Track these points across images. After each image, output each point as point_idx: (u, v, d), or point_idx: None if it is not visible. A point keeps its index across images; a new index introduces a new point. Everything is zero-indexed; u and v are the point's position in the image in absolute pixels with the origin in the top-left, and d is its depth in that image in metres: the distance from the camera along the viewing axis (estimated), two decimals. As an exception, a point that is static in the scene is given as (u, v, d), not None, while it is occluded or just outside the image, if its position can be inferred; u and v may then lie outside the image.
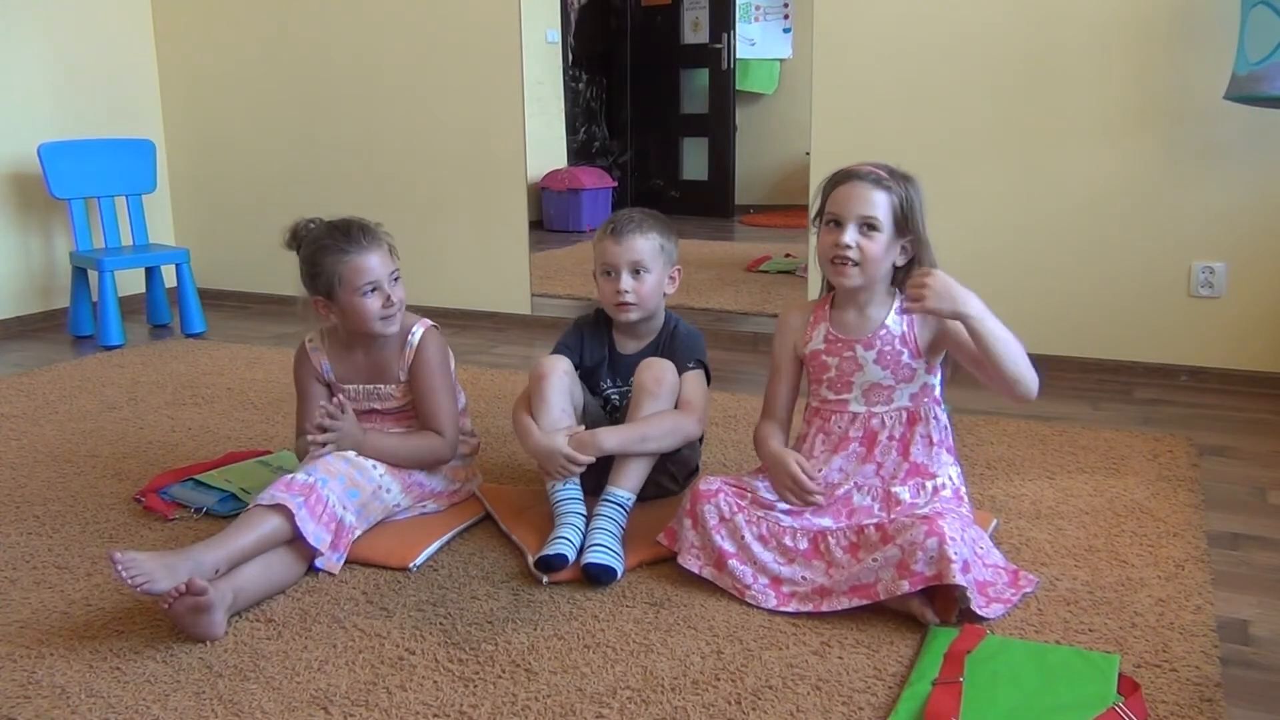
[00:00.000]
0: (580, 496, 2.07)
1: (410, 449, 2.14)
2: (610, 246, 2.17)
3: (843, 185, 1.93)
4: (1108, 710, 1.49)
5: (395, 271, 2.12)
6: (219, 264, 4.84)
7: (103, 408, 3.11)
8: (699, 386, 2.15)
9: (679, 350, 2.19)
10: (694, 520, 1.93)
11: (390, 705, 1.57)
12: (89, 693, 1.60)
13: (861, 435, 1.97)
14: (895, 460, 1.96)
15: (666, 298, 2.24)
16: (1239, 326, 3.25)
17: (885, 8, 3.49)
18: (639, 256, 2.15)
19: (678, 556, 1.95)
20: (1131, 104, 3.25)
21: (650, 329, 2.26)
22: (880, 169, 1.92)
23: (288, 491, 1.92)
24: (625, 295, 2.16)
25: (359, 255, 2.08)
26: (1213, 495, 2.36)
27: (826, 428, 2.01)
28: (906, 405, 1.97)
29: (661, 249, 2.18)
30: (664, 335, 2.25)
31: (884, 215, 1.89)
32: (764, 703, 1.56)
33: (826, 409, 2.01)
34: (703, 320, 4.13)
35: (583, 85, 7.14)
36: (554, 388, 2.11)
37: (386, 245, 2.14)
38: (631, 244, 2.16)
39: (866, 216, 1.89)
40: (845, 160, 2.02)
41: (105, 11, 4.54)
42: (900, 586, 1.74)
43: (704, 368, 2.19)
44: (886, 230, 1.90)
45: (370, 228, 2.13)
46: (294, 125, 4.59)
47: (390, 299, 2.10)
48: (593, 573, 1.91)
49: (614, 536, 1.98)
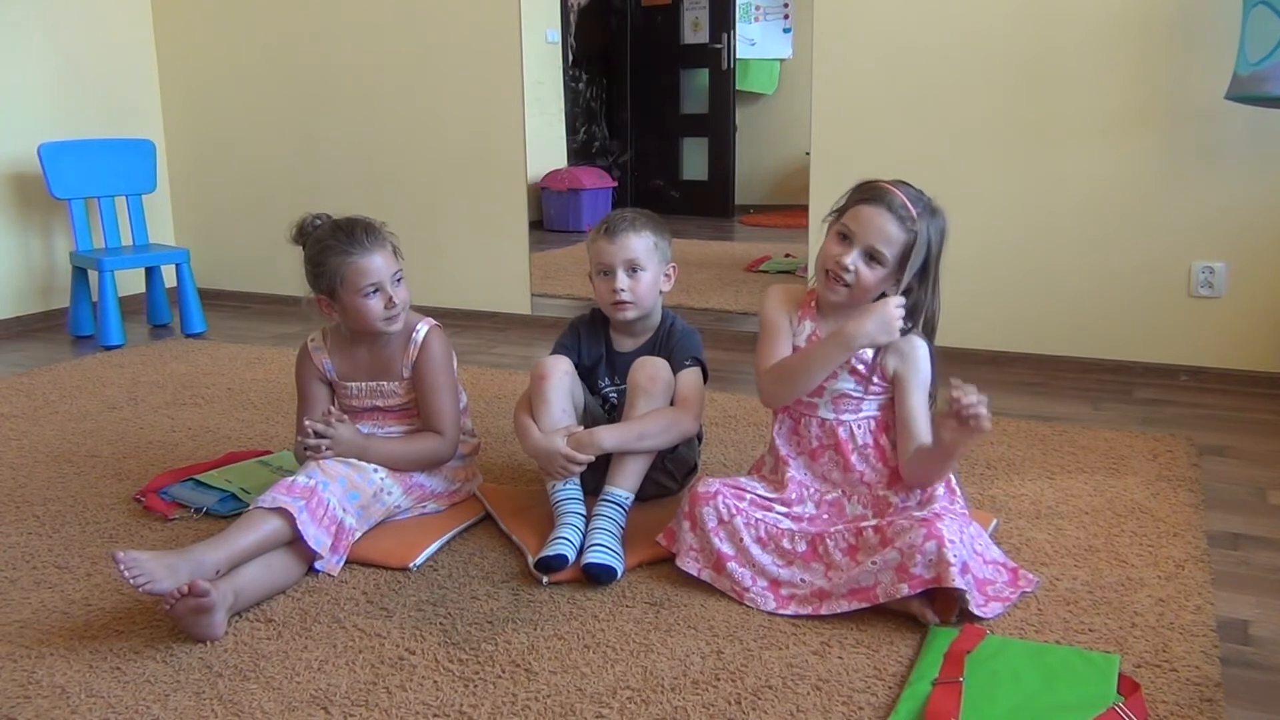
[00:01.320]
0: (580, 496, 2.07)
1: (411, 452, 2.14)
2: (605, 246, 2.17)
3: (869, 205, 1.88)
4: (1108, 710, 1.49)
5: (398, 272, 2.12)
6: (219, 264, 4.84)
7: (103, 408, 3.11)
8: (695, 383, 2.15)
9: (675, 348, 2.19)
10: (692, 523, 1.92)
11: (390, 705, 1.57)
12: (89, 693, 1.61)
13: (831, 443, 1.97)
14: (878, 468, 1.96)
15: (663, 295, 2.24)
16: (1239, 326, 3.25)
17: (885, 8, 3.49)
18: (633, 255, 2.15)
19: (676, 559, 1.95)
20: (1132, 104, 3.25)
21: (647, 327, 2.26)
22: (914, 202, 1.87)
23: (288, 494, 1.92)
24: (621, 294, 2.16)
25: (362, 257, 2.07)
26: (1213, 495, 2.36)
27: (796, 429, 2.01)
28: (875, 414, 1.97)
29: (655, 247, 2.18)
30: (660, 333, 2.25)
31: (893, 253, 1.87)
32: (764, 703, 1.56)
33: (796, 409, 2.01)
34: (702, 320, 4.14)
35: (583, 85, 7.14)
36: (554, 388, 2.11)
37: (390, 246, 2.14)
38: (626, 242, 2.16)
39: (873, 246, 1.87)
40: (845, 161, 2.02)
41: (105, 11, 4.54)
42: (899, 589, 1.74)
43: (701, 365, 2.19)
44: (889, 266, 1.89)
45: (375, 228, 2.13)
46: (294, 125, 4.59)
47: (393, 300, 2.10)
48: (593, 572, 1.91)
49: (613, 536, 1.98)
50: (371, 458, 2.09)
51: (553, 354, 2.21)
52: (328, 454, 2.04)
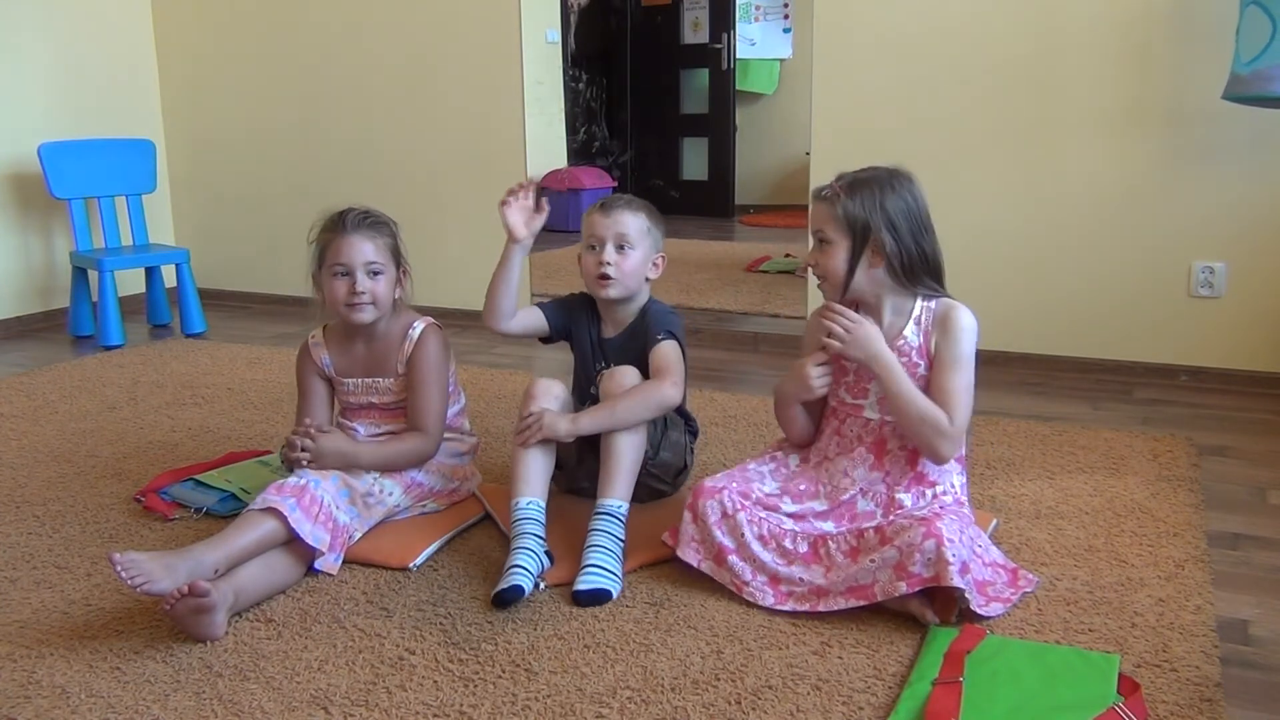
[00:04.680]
0: (539, 515, 1.99)
1: (394, 454, 2.13)
2: (599, 219, 2.18)
3: (813, 201, 1.99)
4: (1108, 710, 1.49)
5: (375, 264, 2.12)
6: (219, 264, 4.84)
7: (103, 408, 3.11)
8: (672, 353, 2.13)
9: (650, 325, 2.19)
10: (694, 514, 1.93)
11: (390, 705, 1.57)
12: (89, 693, 1.61)
13: (872, 441, 1.97)
14: (902, 469, 1.95)
15: (649, 283, 2.24)
16: (1239, 326, 3.25)
17: (885, 8, 3.49)
18: (624, 230, 2.16)
19: (677, 549, 1.95)
20: (1131, 104, 3.25)
21: (630, 312, 2.25)
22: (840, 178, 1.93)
23: (278, 495, 1.93)
24: (606, 268, 2.15)
25: (340, 236, 2.12)
26: (1213, 495, 2.36)
27: (841, 429, 2.01)
28: None
29: (649, 230, 2.19)
30: (638, 318, 2.24)
31: (832, 229, 1.91)
32: (764, 703, 1.56)
33: (843, 410, 2.01)
34: (703, 320, 4.14)
35: (583, 85, 7.14)
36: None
37: (384, 241, 2.15)
38: (619, 217, 2.17)
39: (817, 232, 1.95)
40: (845, 161, 2.03)
41: (105, 11, 4.55)
42: (898, 588, 1.74)
43: (675, 338, 2.16)
44: (840, 243, 1.90)
45: (375, 220, 2.15)
46: (294, 125, 4.59)
47: (357, 288, 2.10)
48: (584, 600, 1.86)
49: (610, 554, 1.93)
50: (358, 465, 2.09)
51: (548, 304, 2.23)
52: (309, 466, 2.03)
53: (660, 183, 7.38)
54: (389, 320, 2.20)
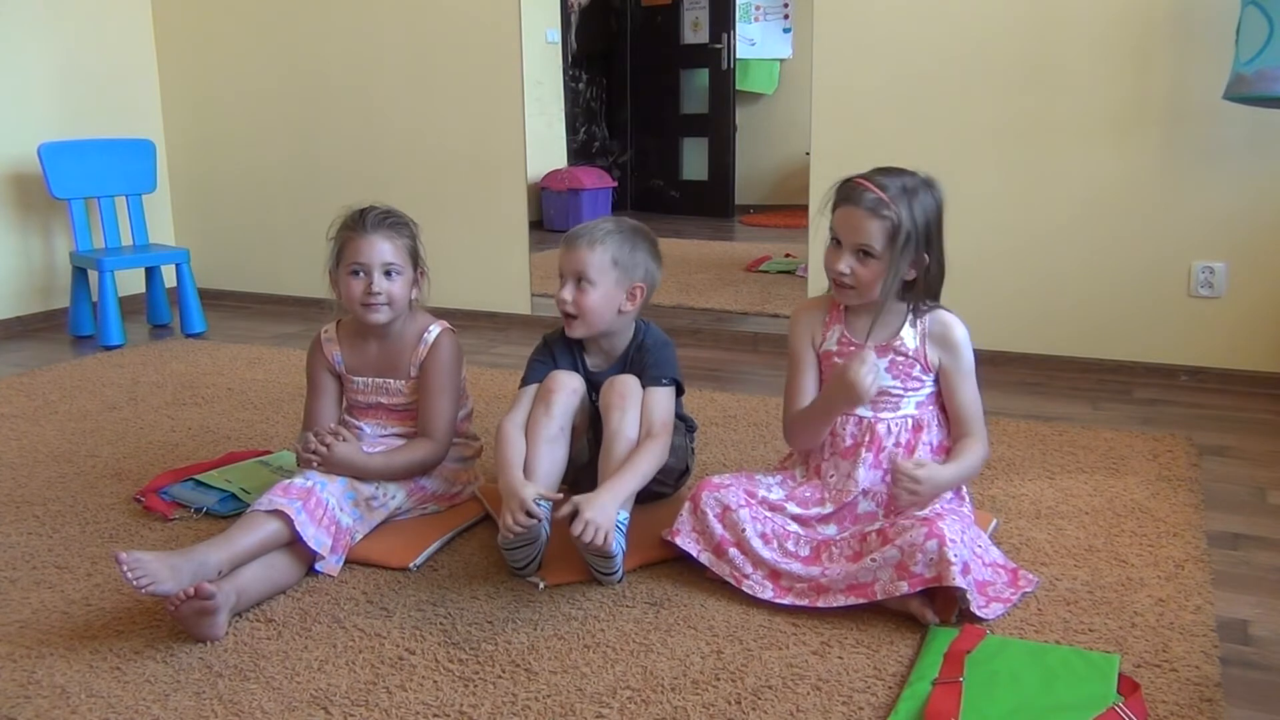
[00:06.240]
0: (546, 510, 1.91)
1: (403, 465, 2.12)
2: (561, 253, 2.09)
3: (845, 206, 1.91)
4: (1108, 710, 1.49)
5: (393, 265, 2.12)
6: (219, 264, 4.84)
7: (103, 408, 3.11)
8: (665, 405, 2.05)
9: (647, 364, 2.10)
10: (695, 506, 1.94)
11: (390, 705, 1.57)
12: (89, 693, 1.61)
13: (867, 440, 1.97)
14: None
15: (623, 314, 2.10)
16: (1239, 326, 3.25)
17: (885, 8, 3.49)
18: (581, 267, 2.04)
19: (676, 537, 1.95)
20: (1132, 104, 3.25)
21: (616, 345, 2.16)
22: (886, 187, 1.88)
23: (285, 497, 1.93)
24: (564, 305, 2.07)
25: (358, 235, 2.11)
26: (1213, 495, 2.36)
27: (838, 431, 2.01)
28: (913, 414, 1.98)
29: (614, 263, 2.05)
30: (631, 349, 2.15)
31: (879, 243, 1.88)
32: (764, 703, 1.56)
33: None
34: (703, 320, 4.14)
35: (583, 85, 7.14)
36: (560, 404, 2.04)
37: (403, 242, 2.14)
38: (576, 254, 2.05)
39: (861, 245, 1.90)
40: (845, 161, 2.02)
41: (105, 12, 4.54)
42: (899, 587, 1.74)
43: (675, 384, 2.11)
44: (883, 255, 1.89)
45: (396, 220, 2.15)
46: (294, 125, 4.59)
47: (373, 288, 2.10)
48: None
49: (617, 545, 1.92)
50: (365, 476, 2.08)
51: (527, 375, 2.14)
52: (318, 468, 2.03)
53: (660, 183, 7.38)
54: (404, 322, 2.20)
